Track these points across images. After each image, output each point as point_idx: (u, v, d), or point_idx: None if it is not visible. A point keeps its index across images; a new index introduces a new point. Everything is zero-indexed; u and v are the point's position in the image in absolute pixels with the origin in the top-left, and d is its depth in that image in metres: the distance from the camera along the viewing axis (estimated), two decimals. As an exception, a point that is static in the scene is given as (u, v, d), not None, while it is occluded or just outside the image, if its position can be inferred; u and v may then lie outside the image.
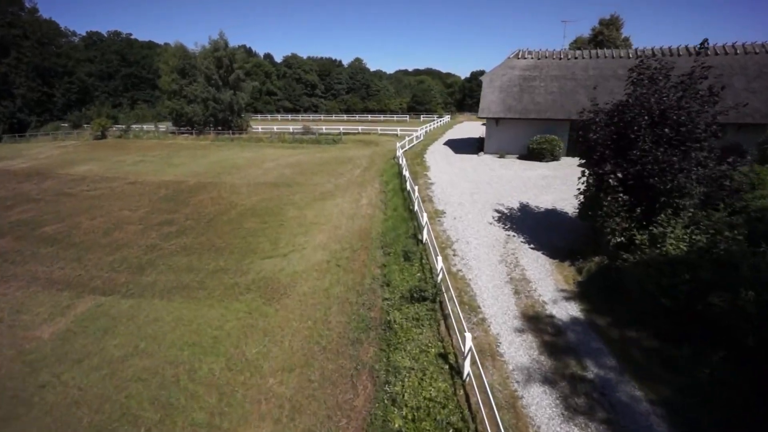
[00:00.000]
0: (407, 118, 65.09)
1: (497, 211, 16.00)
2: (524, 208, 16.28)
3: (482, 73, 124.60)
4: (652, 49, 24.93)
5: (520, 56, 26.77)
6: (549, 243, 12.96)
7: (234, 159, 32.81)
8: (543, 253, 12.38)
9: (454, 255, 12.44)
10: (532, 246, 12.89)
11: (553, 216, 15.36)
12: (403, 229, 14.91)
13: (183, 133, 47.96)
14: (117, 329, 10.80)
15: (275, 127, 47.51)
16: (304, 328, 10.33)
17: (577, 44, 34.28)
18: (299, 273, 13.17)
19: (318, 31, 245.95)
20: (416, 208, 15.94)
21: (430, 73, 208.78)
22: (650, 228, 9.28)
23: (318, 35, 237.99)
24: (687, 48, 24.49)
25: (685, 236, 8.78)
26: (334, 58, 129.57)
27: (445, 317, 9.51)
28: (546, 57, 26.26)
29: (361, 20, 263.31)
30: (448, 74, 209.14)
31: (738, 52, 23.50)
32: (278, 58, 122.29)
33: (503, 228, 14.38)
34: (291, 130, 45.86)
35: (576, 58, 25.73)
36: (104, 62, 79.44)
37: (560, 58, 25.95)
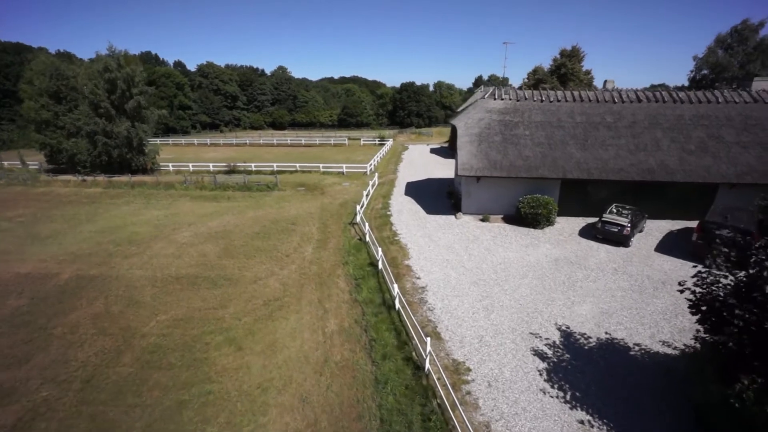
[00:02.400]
0: (346, 142, 59.20)
1: (537, 353, 11.27)
2: (568, 339, 11.80)
3: (412, 84, 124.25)
4: (635, 91, 22.57)
5: (496, 96, 22.82)
6: (653, 445, 8.48)
7: (134, 224, 24.31)
8: (660, 480, 7.81)
9: None
10: (633, 456, 8.27)
11: (614, 357, 11.04)
12: (418, 414, 9.44)
13: (63, 172, 36.72)
14: None
15: (191, 165, 38.40)
16: None
17: (537, 74, 31.88)
18: None
19: (235, 36, 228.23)
20: (427, 363, 10.57)
21: (356, 81, 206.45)
22: None
23: (236, 41, 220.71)
24: (670, 93, 22.52)
25: None
26: (255, 66, 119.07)
27: None
28: (526, 98, 22.66)
29: (281, 26, 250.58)
30: (375, 82, 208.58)
31: (720, 100, 21.99)
32: (191, 66, 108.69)
33: (564, 401, 9.63)
34: (211, 169, 37.34)
35: (559, 100, 22.49)
36: (-54, 70, 61.20)
37: (542, 101, 22.51)
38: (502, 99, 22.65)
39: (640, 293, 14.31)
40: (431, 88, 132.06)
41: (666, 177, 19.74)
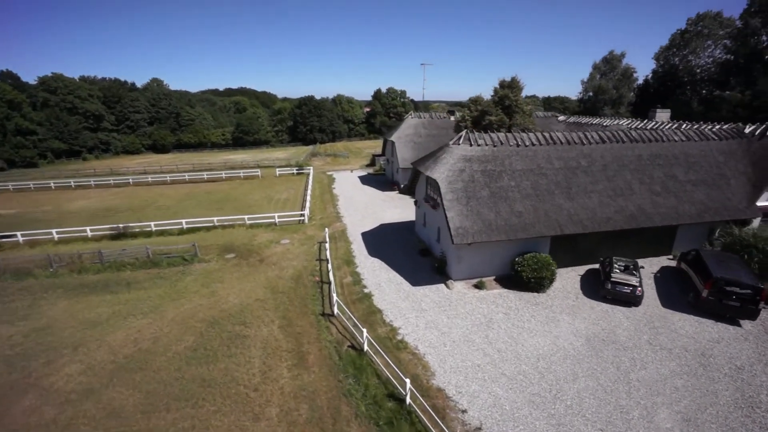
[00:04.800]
0: (259, 174, 51.39)
1: None
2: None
3: (312, 99, 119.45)
4: (598, 134, 22.42)
5: (472, 142, 20.35)
6: None
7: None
8: None
9: None
10: None
11: None
12: None
13: None
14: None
15: (55, 232, 27.48)
16: None
17: (479, 104, 30.85)
18: None
19: (89, 44, 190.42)
20: None
21: (245, 92, 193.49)
22: None
23: (91, 50, 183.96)
24: (626, 133, 22.90)
25: None
26: (123, 79, 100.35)
27: None
28: (501, 143, 20.66)
29: (149, 31, 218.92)
30: (266, 94, 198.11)
31: (664, 139, 23.07)
32: (29, 79, 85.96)
33: None
34: (90, 235, 27.36)
35: (534, 144, 21.03)
36: None
37: (518, 145, 20.77)
38: (479, 145, 20.27)
39: (695, 378, 12.91)
40: (330, 98, 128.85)
41: (647, 222, 19.62)
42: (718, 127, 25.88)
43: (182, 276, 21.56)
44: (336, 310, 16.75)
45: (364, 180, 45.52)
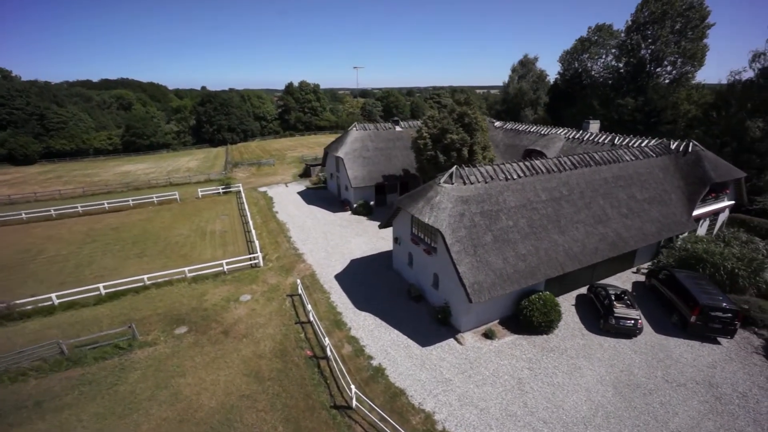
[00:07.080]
0: (176, 197, 43.50)
1: None
2: None
3: (217, 95, 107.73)
4: (570, 159, 22.92)
5: (465, 180, 18.98)
6: None
7: None
8: None
9: None
10: None
11: None
12: None
13: None
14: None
15: None
16: None
17: (437, 121, 29.59)
18: None
19: None
20: None
21: (128, 84, 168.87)
22: None
23: None
24: (591, 156, 23.83)
25: None
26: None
27: None
28: (492, 178, 19.68)
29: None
30: (155, 86, 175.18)
31: (620, 160, 24.61)
32: None
33: None
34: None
35: (520, 176, 20.50)
36: None
37: (507, 179, 20.04)
38: (472, 183, 19.03)
39: (720, 416, 13.69)
40: (229, 89, 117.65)
41: (626, 247, 20.70)
42: (646, 142, 28.82)
43: (122, 374, 16.45)
44: (355, 402, 14.15)
45: (306, 197, 41.57)
